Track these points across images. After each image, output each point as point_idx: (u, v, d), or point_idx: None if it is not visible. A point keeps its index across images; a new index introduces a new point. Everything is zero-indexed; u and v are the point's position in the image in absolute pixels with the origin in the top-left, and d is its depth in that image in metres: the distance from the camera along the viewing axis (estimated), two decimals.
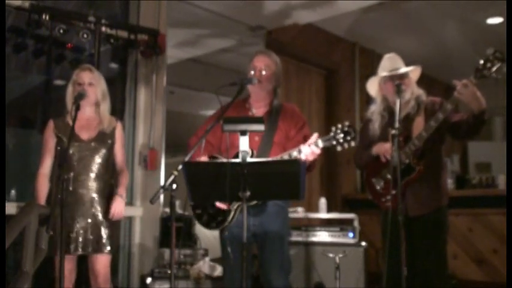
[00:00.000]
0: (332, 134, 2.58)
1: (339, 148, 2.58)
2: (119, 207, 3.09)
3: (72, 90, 3.13)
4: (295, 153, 2.69)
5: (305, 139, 2.73)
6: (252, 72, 2.95)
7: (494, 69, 2.70)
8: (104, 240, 3.06)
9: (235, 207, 2.85)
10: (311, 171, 2.89)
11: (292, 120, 2.97)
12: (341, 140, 2.56)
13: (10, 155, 3.99)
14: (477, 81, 2.74)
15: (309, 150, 2.63)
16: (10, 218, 3.24)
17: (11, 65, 3.98)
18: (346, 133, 2.56)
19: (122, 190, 3.18)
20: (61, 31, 3.88)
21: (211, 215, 2.90)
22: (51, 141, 3.13)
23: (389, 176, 3.04)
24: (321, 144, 2.61)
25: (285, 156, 2.74)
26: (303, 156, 2.65)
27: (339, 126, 2.58)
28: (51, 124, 3.16)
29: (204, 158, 2.93)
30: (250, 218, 2.84)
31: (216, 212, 2.88)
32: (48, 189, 3.13)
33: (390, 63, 3.12)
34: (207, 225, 2.93)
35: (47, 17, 3.81)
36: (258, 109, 3.02)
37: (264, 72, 2.94)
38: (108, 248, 3.07)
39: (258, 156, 2.84)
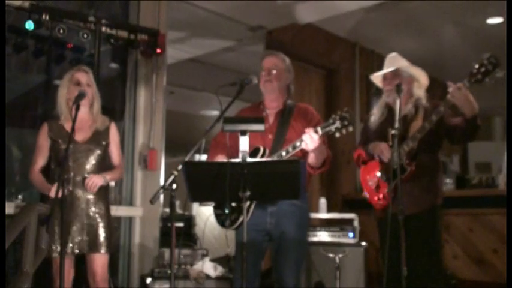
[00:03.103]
0: (331, 120, 2.61)
1: (337, 134, 2.60)
2: (94, 178, 3.02)
3: (67, 91, 3.12)
4: (298, 143, 2.72)
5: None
6: (263, 74, 3.01)
7: (488, 74, 2.71)
8: (101, 241, 3.05)
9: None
10: (325, 167, 2.91)
11: (306, 118, 3.00)
12: (339, 126, 2.58)
13: (9, 155, 3.99)
14: (470, 85, 2.74)
15: (308, 137, 2.63)
16: (10, 218, 3.25)
17: (11, 65, 3.98)
18: (343, 118, 2.58)
19: (107, 174, 3.13)
20: (61, 31, 3.88)
21: (227, 214, 2.92)
22: (45, 144, 3.13)
23: (382, 176, 3.05)
24: (320, 131, 2.63)
25: (290, 148, 2.76)
26: (303, 145, 2.66)
27: (338, 112, 2.61)
28: (45, 127, 3.15)
29: (221, 158, 2.95)
30: (266, 217, 2.88)
31: (231, 211, 2.88)
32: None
33: (387, 64, 3.14)
34: (223, 224, 2.95)
35: (47, 17, 3.81)
36: (272, 109, 3.06)
37: (274, 72, 3.01)
38: (104, 248, 3.06)
39: (270, 154, 2.87)
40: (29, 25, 3.83)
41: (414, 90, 3.10)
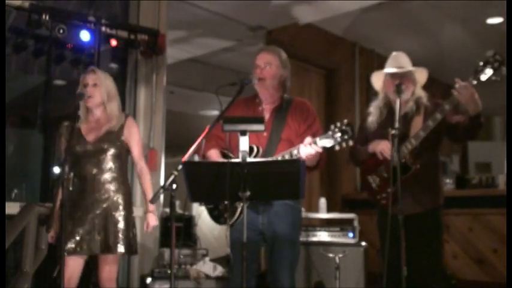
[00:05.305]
0: (330, 132, 2.55)
1: (336, 148, 2.55)
2: (150, 220, 3.12)
3: None
4: (295, 152, 2.69)
5: (314, 136, 2.69)
6: (256, 71, 2.92)
7: (493, 71, 2.71)
8: (112, 241, 2.94)
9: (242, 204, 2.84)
10: (321, 166, 2.91)
11: (302, 115, 2.95)
12: (339, 140, 2.53)
13: (10, 155, 4.00)
14: (476, 83, 2.74)
15: (309, 150, 2.61)
16: (10, 218, 3.25)
17: (11, 65, 3.98)
18: (343, 132, 2.52)
19: (151, 206, 3.13)
20: (61, 31, 3.88)
21: (221, 211, 2.91)
22: (62, 146, 3.12)
23: (385, 175, 3.04)
24: (319, 143, 2.59)
25: (286, 155, 2.73)
26: (302, 155, 2.64)
27: (337, 124, 2.55)
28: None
29: (215, 153, 2.93)
30: (259, 217, 2.86)
31: (225, 208, 2.88)
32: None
33: (394, 62, 3.12)
34: (217, 219, 2.94)
35: (47, 17, 3.81)
36: (268, 105, 3.00)
37: (267, 69, 2.92)
38: (119, 248, 2.94)
39: (264, 152, 2.84)
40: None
41: (416, 90, 3.10)
